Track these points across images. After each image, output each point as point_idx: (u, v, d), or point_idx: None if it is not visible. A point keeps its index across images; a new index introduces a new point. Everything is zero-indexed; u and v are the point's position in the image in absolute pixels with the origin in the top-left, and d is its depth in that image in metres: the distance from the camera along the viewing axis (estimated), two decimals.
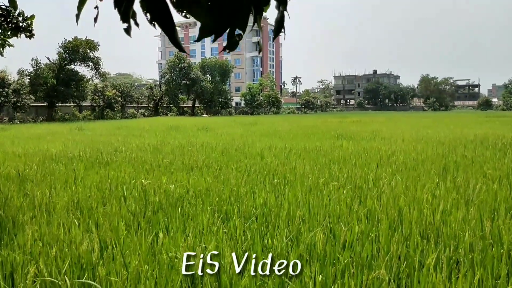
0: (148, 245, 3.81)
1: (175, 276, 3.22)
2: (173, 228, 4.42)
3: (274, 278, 3.15)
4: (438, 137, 16.47)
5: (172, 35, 1.39)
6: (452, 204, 5.23)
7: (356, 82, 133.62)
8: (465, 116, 47.95)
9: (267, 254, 3.52)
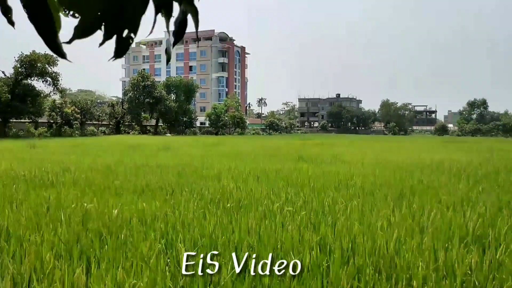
0: (71, 279, 3.38)
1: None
2: (106, 260, 3.99)
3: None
4: (396, 161, 16.71)
5: (48, 36, 1.09)
6: (407, 232, 5.09)
7: (320, 105, 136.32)
8: (423, 141, 49.58)
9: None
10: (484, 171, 12.58)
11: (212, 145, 30.29)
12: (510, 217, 6.04)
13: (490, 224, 5.53)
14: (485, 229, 5.28)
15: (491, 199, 7.59)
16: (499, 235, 4.99)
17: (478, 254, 4.20)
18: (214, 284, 3.62)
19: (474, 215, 5.88)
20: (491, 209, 6.53)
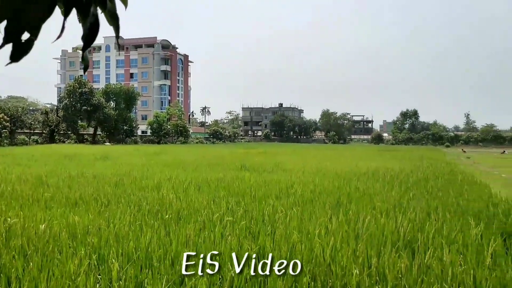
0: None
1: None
2: (28, 279, 3.69)
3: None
4: (335, 169, 17.23)
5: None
6: (343, 239, 5.22)
7: (263, 114, 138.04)
8: (360, 149, 51.73)
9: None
10: (415, 178, 13.32)
11: (154, 154, 29.52)
12: (437, 221, 6.41)
13: (420, 229, 5.83)
14: (415, 234, 5.55)
15: (421, 205, 8.04)
16: (427, 239, 5.26)
17: (408, 258, 4.39)
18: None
19: (405, 221, 6.17)
20: (421, 215, 6.90)
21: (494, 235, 5.77)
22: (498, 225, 6.44)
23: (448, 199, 8.81)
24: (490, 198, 9.11)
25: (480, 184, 12.49)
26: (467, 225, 6.11)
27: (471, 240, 5.19)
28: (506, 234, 6.08)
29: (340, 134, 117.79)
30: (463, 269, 4.19)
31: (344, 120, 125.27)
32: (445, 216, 6.82)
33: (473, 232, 5.63)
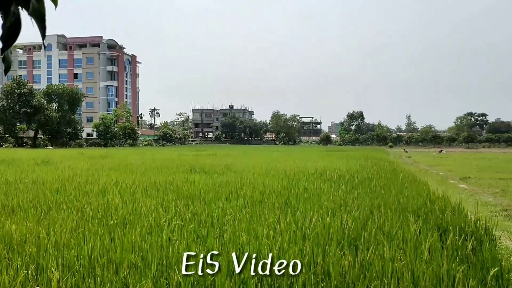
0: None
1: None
2: None
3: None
4: (285, 170, 17.49)
5: None
6: (291, 239, 5.31)
7: (214, 116, 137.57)
8: (309, 150, 52.94)
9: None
10: (360, 178, 13.81)
11: (99, 157, 28.47)
12: (379, 219, 6.68)
13: (363, 227, 6.06)
14: (359, 232, 5.76)
15: (365, 203, 8.35)
16: (370, 236, 5.48)
17: (352, 255, 4.55)
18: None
19: (350, 219, 6.39)
20: (364, 213, 7.17)
21: (431, 230, 6.12)
22: (435, 221, 6.83)
23: (390, 197, 9.22)
24: (428, 195, 9.64)
25: (420, 182, 13.19)
26: (406, 222, 6.42)
27: (410, 236, 5.46)
28: (442, 229, 6.47)
29: (290, 135, 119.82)
30: (403, 264, 4.40)
31: (294, 121, 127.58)
32: (387, 213, 7.12)
33: (412, 228, 5.92)
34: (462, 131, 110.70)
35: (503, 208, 10.24)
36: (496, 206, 10.55)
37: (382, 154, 41.60)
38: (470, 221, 6.89)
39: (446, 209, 7.69)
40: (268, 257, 4.46)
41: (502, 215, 9.65)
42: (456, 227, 6.39)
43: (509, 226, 8.36)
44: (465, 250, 5.12)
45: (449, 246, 5.15)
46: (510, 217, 9.48)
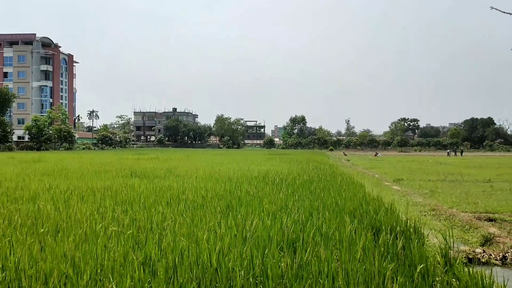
0: None
1: None
2: None
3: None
4: (228, 173, 17.50)
5: None
6: (231, 242, 5.32)
7: (157, 119, 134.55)
8: (253, 154, 53.33)
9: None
10: (301, 181, 14.14)
11: (32, 161, 26.80)
12: (318, 220, 6.88)
13: (302, 229, 6.20)
14: (298, 234, 5.89)
15: (305, 206, 8.57)
16: (308, 238, 5.62)
17: (290, 257, 4.65)
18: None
19: (290, 222, 6.52)
20: (304, 215, 7.35)
21: (365, 230, 6.41)
22: (369, 221, 7.15)
23: (328, 199, 9.52)
24: (364, 197, 10.08)
25: (356, 184, 13.76)
26: (343, 223, 6.67)
27: (345, 236, 5.67)
28: (376, 229, 6.79)
29: (234, 139, 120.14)
30: (338, 264, 4.57)
31: (238, 125, 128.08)
32: (325, 215, 7.35)
33: (348, 228, 6.17)
34: (396, 135, 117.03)
35: (431, 208, 10.93)
36: (425, 206, 11.25)
37: (322, 157, 42.89)
38: (401, 221, 7.29)
39: (379, 210, 8.08)
40: (208, 261, 4.44)
41: (430, 215, 10.32)
42: (388, 226, 6.75)
43: (436, 225, 8.95)
44: (396, 248, 5.41)
45: (381, 245, 5.42)
46: (437, 216, 10.15)
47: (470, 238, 7.92)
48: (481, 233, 8.00)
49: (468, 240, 7.83)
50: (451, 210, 10.49)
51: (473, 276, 4.43)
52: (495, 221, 9.27)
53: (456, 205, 11.28)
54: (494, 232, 7.94)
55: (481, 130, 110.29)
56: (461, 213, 10.07)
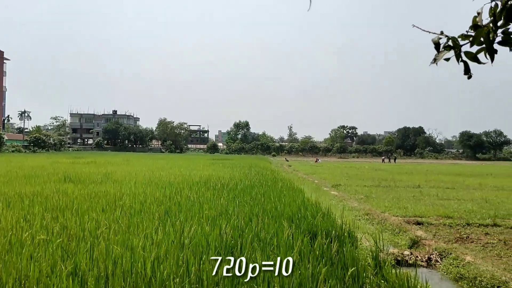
0: None
1: None
2: None
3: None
4: (169, 178, 17.18)
5: None
6: (168, 249, 5.22)
7: (95, 121, 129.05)
8: (196, 158, 52.80)
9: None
10: (242, 186, 14.21)
11: None
12: (257, 226, 6.94)
13: (241, 235, 6.23)
14: (236, 239, 5.91)
15: (245, 211, 8.61)
16: (246, 243, 5.65)
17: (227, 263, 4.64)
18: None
19: (229, 227, 6.52)
20: (243, 220, 7.38)
21: (303, 235, 6.57)
22: (307, 226, 7.34)
23: (268, 204, 9.65)
24: (303, 202, 10.33)
25: (296, 189, 14.07)
26: (281, 228, 6.78)
27: (283, 241, 5.77)
28: (313, 233, 6.98)
29: (177, 143, 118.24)
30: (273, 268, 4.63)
31: (181, 129, 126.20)
32: (264, 220, 7.44)
33: (286, 233, 6.28)
34: (336, 142, 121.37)
35: (365, 213, 11.44)
36: (360, 211, 11.75)
37: (265, 163, 43.40)
38: (337, 225, 7.56)
39: (317, 215, 8.31)
40: (142, 269, 4.32)
41: (364, 219, 10.79)
42: (324, 231, 6.97)
43: (369, 229, 9.37)
44: (330, 252, 5.59)
45: (317, 249, 5.58)
46: (371, 220, 10.64)
47: (399, 241, 8.38)
48: (409, 236, 8.49)
49: (398, 243, 8.28)
50: (383, 214, 11.04)
51: (400, 278, 4.69)
52: (422, 225, 9.88)
53: (388, 209, 11.89)
54: (421, 235, 8.46)
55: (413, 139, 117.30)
56: (393, 217, 10.62)
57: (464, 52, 2.31)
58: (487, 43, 2.13)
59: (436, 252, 7.25)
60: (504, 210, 11.98)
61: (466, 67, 2.35)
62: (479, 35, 2.09)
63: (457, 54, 2.33)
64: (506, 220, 10.35)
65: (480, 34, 2.09)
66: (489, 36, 2.07)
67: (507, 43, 2.22)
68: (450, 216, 10.76)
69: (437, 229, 9.38)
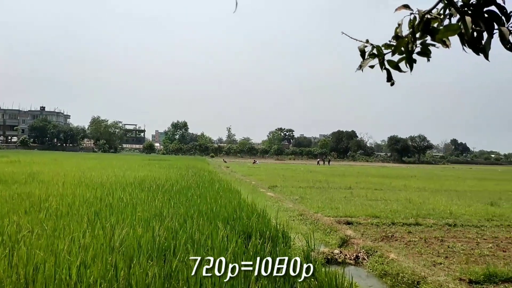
0: None
1: None
2: None
3: None
4: (101, 179, 16.47)
5: None
6: (97, 254, 4.99)
7: (21, 118, 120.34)
8: (131, 159, 51.12)
9: None
10: (178, 187, 13.98)
11: None
12: (192, 227, 6.87)
13: (175, 237, 6.12)
14: (170, 241, 5.80)
15: (180, 213, 8.48)
16: (179, 246, 5.57)
17: (158, 266, 4.54)
18: None
19: (162, 229, 6.38)
20: (178, 222, 7.27)
21: (237, 235, 6.60)
22: (242, 227, 7.39)
23: (204, 205, 9.58)
24: (239, 203, 10.38)
25: (233, 190, 14.11)
26: (216, 229, 6.76)
27: (217, 243, 5.76)
28: (247, 234, 7.04)
29: (111, 142, 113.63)
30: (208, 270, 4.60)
31: (115, 128, 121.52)
32: (199, 222, 7.37)
33: (220, 234, 6.27)
34: (274, 144, 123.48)
35: (299, 213, 11.75)
36: (294, 212, 12.04)
37: (203, 164, 43.08)
38: (272, 226, 7.69)
39: (252, 216, 8.40)
40: (67, 274, 4.10)
41: (298, 219, 11.08)
42: (259, 231, 7.06)
43: (303, 229, 9.63)
44: (264, 252, 5.67)
45: (250, 249, 5.63)
46: (304, 220, 10.94)
47: (330, 240, 8.71)
48: (339, 236, 8.85)
49: (329, 242, 8.60)
50: (316, 214, 11.41)
51: (329, 276, 4.87)
52: (352, 224, 10.35)
53: (321, 210, 12.31)
54: (350, 234, 8.86)
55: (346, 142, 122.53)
56: (325, 217, 11.02)
57: (387, 60, 2.46)
58: (406, 53, 2.28)
59: (363, 250, 7.63)
60: (425, 210, 12.89)
61: (388, 74, 2.50)
62: (400, 45, 2.23)
63: (380, 62, 2.46)
64: (427, 219, 11.14)
65: (400, 44, 2.23)
66: (408, 46, 2.22)
67: (425, 53, 2.39)
68: (377, 216, 11.37)
69: (365, 229, 9.87)
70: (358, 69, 2.46)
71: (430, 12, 2.16)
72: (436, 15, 2.16)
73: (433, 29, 2.18)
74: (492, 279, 6.14)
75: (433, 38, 2.22)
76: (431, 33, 2.19)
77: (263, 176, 29.38)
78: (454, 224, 10.66)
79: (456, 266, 6.83)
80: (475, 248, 8.25)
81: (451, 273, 6.38)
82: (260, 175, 30.67)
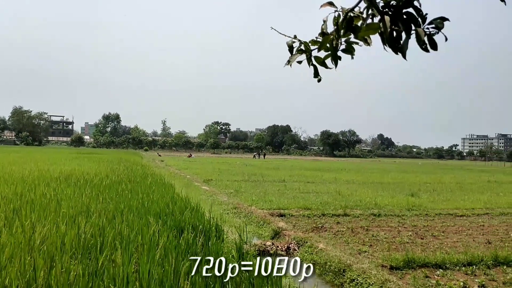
0: None
1: None
2: None
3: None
4: (22, 174, 15.33)
5: None
6: (14, 253, 4.64)
7: None
8: (57, 152, 48.24)
9: None
10: (108, 182, 13.42)
11: None
12: (120, 223, 6.62)
13: (102, 233, 5.86)
14: (96, 239, 5.54)
15: (109, 208, 8.13)
16: (106, 242, 5.34)
17: (83, 264, 4.32)
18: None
19: (88, 226, 6.09)
20: (106, 218, 6.97)
21: (169, 230, 6.47)
22: (174, 221, 7.26)
23: (135, 200, 9.28)
24: (172, 198, 10.19)
25: (167, 185, 13.83)
26: (147, 224, 6.58)
27: (147, 238, 5.60)
28: (180, 228, 6.93)
29: (35, 135, 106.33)
30: (136, 268, 4.46)
31: (40, 120, 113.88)
32: (129, 217, 7.13)
33: (152, 230, 6.11)
34: (210, 138, 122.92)
35: (234, 206, 11.81)
36: (229, 205, 12.08)
37: (136, 158, 41.77)
38: (205, 220, 7.64)
39: (186, 210, 8.29)
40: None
41: (233, 213, 11.14)
42: (192, 226, 6.98)
43: (236, 222, 9.69)
44: (196, 246, 5.62)
45: (182, 244, 5.55)
46: (238, 214, 11.02)
47: (263, 233, 8.86)
48: (272, 228, 9.03)
49: (262, 234, 8.74)
50: (250, 207, 11.53)
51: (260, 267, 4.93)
52: (285, 216, 10.60)
53: (255, 203, 12.46)
54: (283, 226, 9.07)
55: (281, 136, 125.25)
56: (259, 210, 11.17)
57: (314, 56, 2.51)
58: (332, 49, 2.35)
59: (294, 241, 7.85)
60: (352, 201, 13.54)
61: (315, 70, 2.56)
62: (325, 41, 2.29)
63: (308, 58, 2.52)
64: (354, 210, 11.71)
65: (326, 41, 2.29)
66: (333, 43, 2.29)
67: (349, 51, 2.47)
68: (308, 208, 11.74)
69: (297, 220, 10.16)
70: (286, 64, 2.50)
71: (353, 10, 2.24)
72: (359, 14, 2.25)
73: (355, 27, 2.26)
74: (411, 264, 6.60)
75: (356, 36, 2.30)
76: (353, 30, 2.27)
77: (198, 170, 29.14)
78: (378, 214, 11.30)
79: (379, 254, 7.25)
80: (396, 236, 8.81)
81: (374, 261, 6.76)
82: (195, 169, 30.38)
